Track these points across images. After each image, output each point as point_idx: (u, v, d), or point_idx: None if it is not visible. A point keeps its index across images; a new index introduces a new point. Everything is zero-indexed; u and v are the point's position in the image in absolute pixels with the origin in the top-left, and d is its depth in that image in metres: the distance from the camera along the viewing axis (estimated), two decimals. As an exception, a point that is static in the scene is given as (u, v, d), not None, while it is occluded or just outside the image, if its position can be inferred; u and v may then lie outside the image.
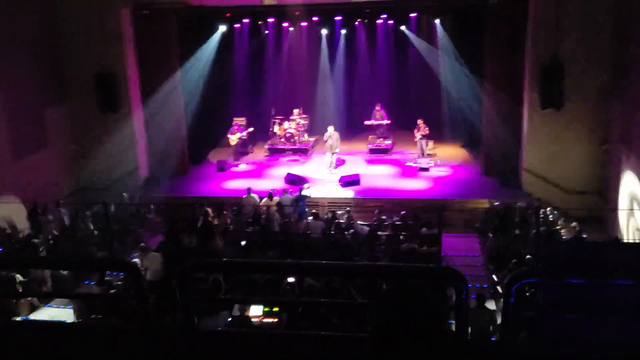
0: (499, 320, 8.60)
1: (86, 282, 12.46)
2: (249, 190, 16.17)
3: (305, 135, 21.87)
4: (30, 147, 16.80)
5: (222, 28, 20.95)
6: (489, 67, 17.85)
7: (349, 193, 17.57)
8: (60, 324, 6.94)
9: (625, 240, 14.02)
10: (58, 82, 18.16)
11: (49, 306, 11.68)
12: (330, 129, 19.35)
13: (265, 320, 9.40)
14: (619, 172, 15.40)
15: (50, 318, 10.78)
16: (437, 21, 21.28)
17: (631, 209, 14.09)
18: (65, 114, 18.42)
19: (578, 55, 16.05)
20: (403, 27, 21.91)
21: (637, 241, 13.72)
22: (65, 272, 12.34)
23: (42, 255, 12.65)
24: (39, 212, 15.12)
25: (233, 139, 20.72)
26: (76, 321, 10.17)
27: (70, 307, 10.82)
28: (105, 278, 11.23)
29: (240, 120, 21.45)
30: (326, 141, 19.42)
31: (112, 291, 10.92)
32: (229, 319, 9.08)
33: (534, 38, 16.48)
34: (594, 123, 16.46)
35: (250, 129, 21.35)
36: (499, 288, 11.26)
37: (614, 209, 15.33)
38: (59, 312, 11.29)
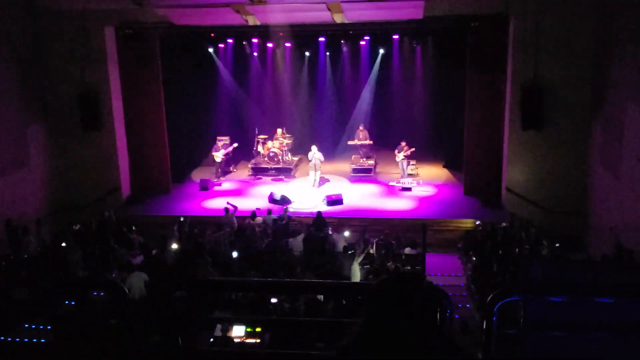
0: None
1: (66, 302, 12.27)
2: (226, 210, 16.18)
3: (289, 154, 21.89)
4: (11, 165, 16.64)
5: (211, 50, 21.27)
6: (470, 88, 18.00)
7: (332, 212, 17.58)
8: (39, 345, 6.85)
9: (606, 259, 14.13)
10: (40, 100, 18.05)
11: (27, 326, 11.49)
12: (314, 148, 19.47)
13: (248, 340, 9.34)
14: (600, 192, 15.58)
15: (29, 338, 10.61)
16: (420, 43, 21.58)
17: (611, 228, 14.23)
18: (46, 132, 18.29)
19: (558, 77, 16.28)
20: (381, 51, 22.15)
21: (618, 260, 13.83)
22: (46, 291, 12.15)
23: (23, 275, 12.48)
24: (18, 231, 14.95)
25: (218, 155, 20.72)
26: (56, 341, 10.01)
27: (50, 327, 10.65)
28: (87, 297, 11.07)
29: (224, 140, 21.48)
30: (310, 161, 19.51)
31: (93, 311, 10.77)
32: (211, 339, 9.00)
33: (515, 60, 16.70)
34: (575, 144, 16.66)
35: (235, 145, 21.32)
36: (481, 307, 11.27)
37: (595, 229, 15.49)
38: (38, 332, 11.10)
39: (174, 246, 14.00)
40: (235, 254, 13.24)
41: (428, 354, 2.11)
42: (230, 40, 22.08)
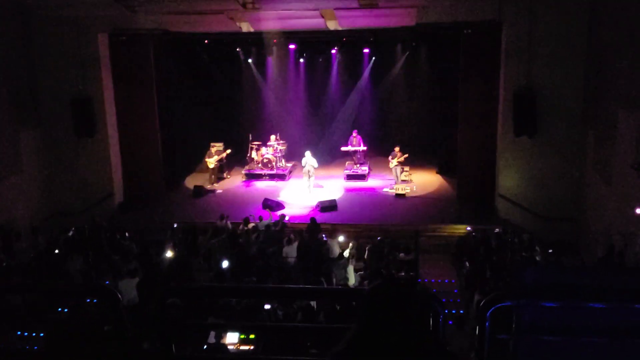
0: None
1: (59, 310, 12.21)
2: (221, 216, 16.15)
3: (283, 160, 21.91)
4: (4, 171, 16.57)
5: (204, 56, 21.41)
6: (463, 94, 18.07)
7: (326, 217, 17.57)
8: (32, 352, 6.80)
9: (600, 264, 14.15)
10: (33, 106, 17.99)
11: (20, 333, 11.43)
12: (308, 154, 19.49)
13: (242, 347, 9.30)
14: (593, 198, 15.62)
15: (21, 345, 10.54)
16: (413, 49, 21.68)
17: (605, 235, 14.27)
18: (40, 138, 18.23)
19: (551, 83, 16.34)
20: (374, 57, 22.21)
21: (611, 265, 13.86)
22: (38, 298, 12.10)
23: (16, 281, 12.39)
24: (11, 237, 14.88)
25: (212, 161, 20.72)
26: (48, 348, 9.94)
27: (42, 334, 10.59)
28: (80, 304, 11.01)
29: (217, 146, 21.48)
30: (304, 167, 19.54)
31: (87, 317, 10.71)
32: (205, 346, 8.96)
33: (507, 66, 16.77)
34: (567, 150, 16.70)
35: (229, 151, 21.36)
36: (475, 313, 11.28)
37: (588, 235, 15.52)
38: (30, 339, 11.04)
39: (168, 253, 13.95)
40: (226, 263, 13.14)
41: (421, 359, 2.12)
42: (224, 47, 22.10)
